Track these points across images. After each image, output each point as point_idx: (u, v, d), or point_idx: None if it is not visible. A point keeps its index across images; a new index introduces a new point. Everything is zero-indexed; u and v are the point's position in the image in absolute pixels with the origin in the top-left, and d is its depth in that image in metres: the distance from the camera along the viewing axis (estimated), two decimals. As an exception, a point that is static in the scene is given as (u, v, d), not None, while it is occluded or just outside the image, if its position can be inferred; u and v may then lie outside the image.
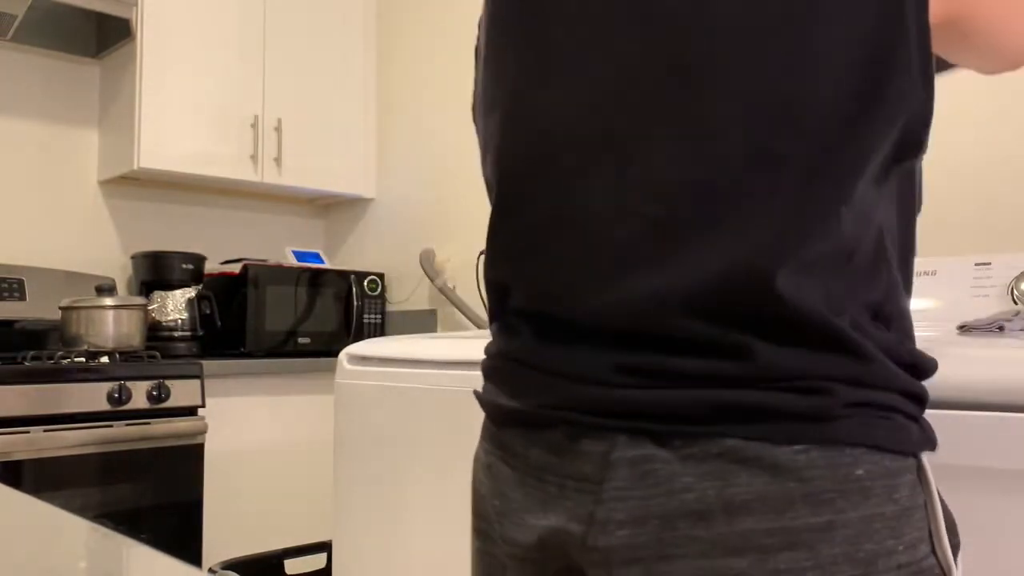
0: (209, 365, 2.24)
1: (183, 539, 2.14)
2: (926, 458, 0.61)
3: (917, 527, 0.58)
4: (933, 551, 0.59)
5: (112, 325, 2.25)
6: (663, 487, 0.58)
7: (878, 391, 0.59)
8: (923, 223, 0.68)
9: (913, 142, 0.61)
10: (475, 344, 1.48)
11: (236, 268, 2.59)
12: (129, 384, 2.07)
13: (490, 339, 0.74)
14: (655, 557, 0.58)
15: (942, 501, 0.62)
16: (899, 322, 0.63)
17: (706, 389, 0.58)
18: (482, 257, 2.84)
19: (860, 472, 0.57)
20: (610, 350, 0.61)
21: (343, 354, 1.73)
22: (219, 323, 2.56)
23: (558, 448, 0.64)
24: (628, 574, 0.59)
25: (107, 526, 0.56)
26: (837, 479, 0.56)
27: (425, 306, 2.90)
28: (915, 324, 0.68)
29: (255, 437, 2.36)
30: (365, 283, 2.81)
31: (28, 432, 1.91)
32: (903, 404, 0.60)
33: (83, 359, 2.16)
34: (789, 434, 0.56)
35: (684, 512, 0.57)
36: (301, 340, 2.66)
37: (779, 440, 0.56)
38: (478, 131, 0.77)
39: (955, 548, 0.61)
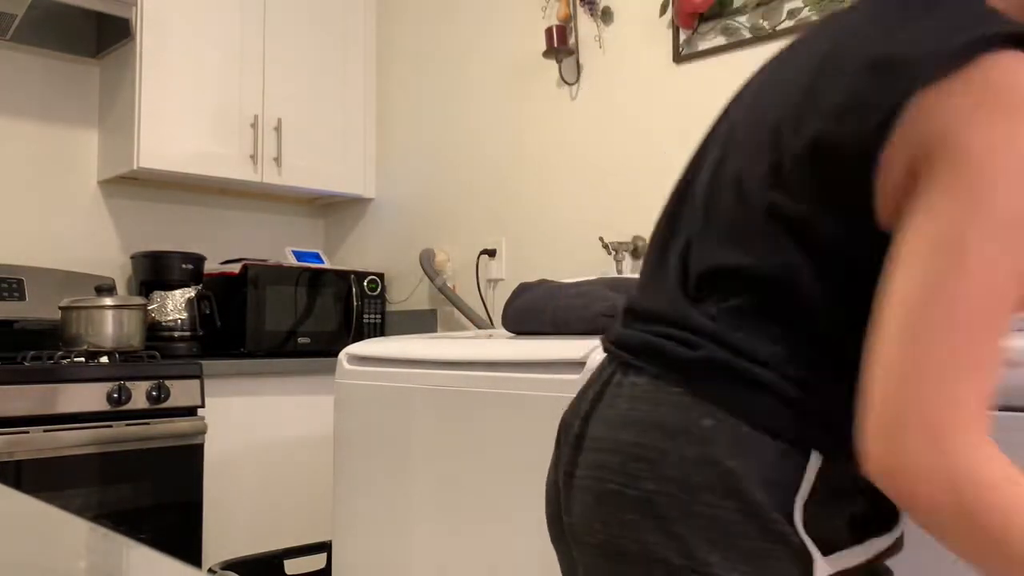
0: (209, 365, 2.24)
1: (183, 539, 2.14)
2: (817, 458, 0.72)
3: (769, 493, 0.70)
4: (789, 523, 0.70)
5: (112, 325, 2.25)
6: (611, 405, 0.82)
7: (749, 362, 0.72)
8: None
9: None
10: (475, 344, 1.48)
11: (236, 268, 2.59)
12: (129, 384, 2.06)
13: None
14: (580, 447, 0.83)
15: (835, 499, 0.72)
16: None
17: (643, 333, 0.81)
18: (482, 257, 2.85)
19: (707, 423, 0.72)
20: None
21: (343, 354, 1.73)
22: (219, 323, 2.56)
23: None
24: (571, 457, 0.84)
25: (107, 526, 0.56)
26: (689, 419, 0.73)
27: (425, 306, 2.90)
28: None
29: (255, 437, 2.36)
30: (365, 283, 2.81)
31: (28, 432, 1.91)
32: (784, 388, 0.72)
33: (83, 359, 2.16)
34: (672, 378, 0.76)
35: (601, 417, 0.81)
36: (301, 340, 2.66)
37: (667, 380, 0.76)
38: None
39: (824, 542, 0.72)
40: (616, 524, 0.75)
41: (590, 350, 1.28)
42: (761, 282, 0.73)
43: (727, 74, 2.12)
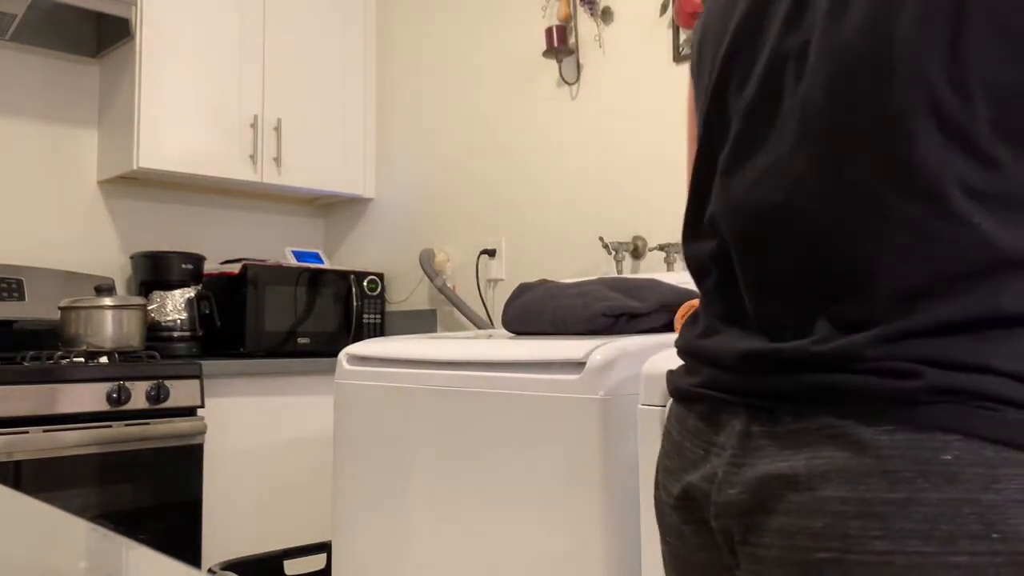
0: (208, 365, 2.24)
1: (183, 539, 2.14)
2: None
3: None
4: None
5: (111, 325, 2.25)
6: (768, 456, 0.67)
7: (978, 375, 0.60)
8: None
9: None
10: (475, 344, 1.48)
11: (235, 268, 2.59)
12: (128, 384, 2.06)
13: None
14: (756, 512, 0.67)
15: None
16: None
17: (808, 374, 0.65)
18: (482, 257, 2.84)
19: (947, 457, 0.59)
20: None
21: (343, 354, 1.73)
22: (218, 323, 2.56)
23: (706, 417, 0.76)
24: (736, 524, 0.69)
25: (107, 526, 0.56)
26: (919, 460, 0.60)
27: (425, 306, 2.90)
28: None
29: (255, 437, 2.36)
30: (365, 283, 2.81)
31: (28, 432, 1.91)
32: (1011, 391, 0.60)
33: (82, 359, 2.16)
34: (876, 415, 0.62)
35: (779, 477, 0.65)
36: (301, 340, 2.66)
37: (866, 420, 0.62)
38: None
39: None
40: None
41: (590, 350, 1.28)
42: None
43: (727, 74, 2.11)
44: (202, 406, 2.19)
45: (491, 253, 2.65)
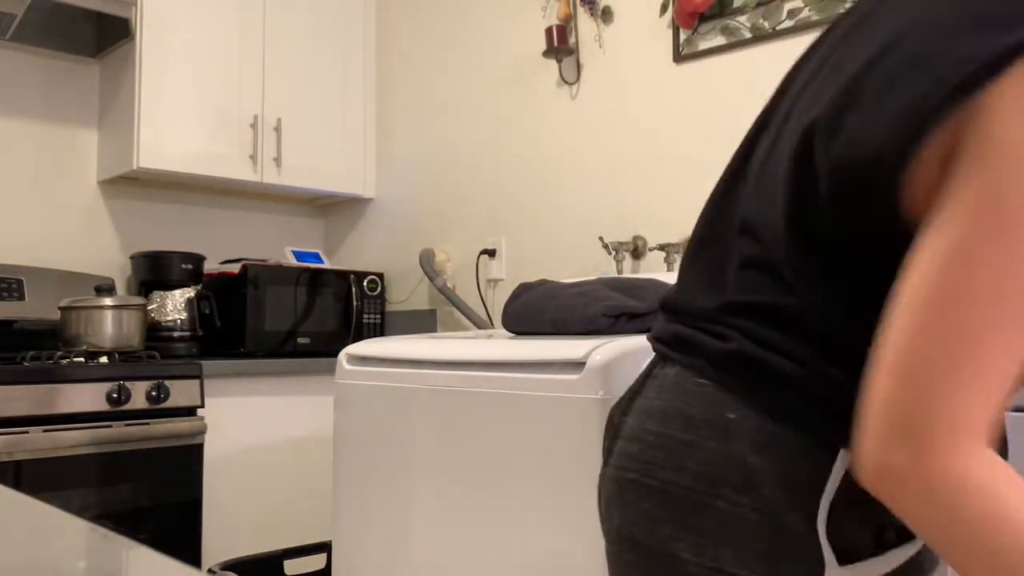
0: (208, 365, 2.24)
1: (183, 539, 2.14)
2: (845, 458, 0.69)
3: (787, 489, 0.68)
4: (810, 525, 0.68)
5: (111, 325, 2.25)
6: (644, 393, 0.81)
7: (775, 353, 0.71)
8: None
9: None
10: (475, 344, 1.48)
11: (235, 268, 2.59)
12: (128, 384, 2.06)
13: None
14: (615, 437, 0.83)
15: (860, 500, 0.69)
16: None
17: (679, 326, 0.80)
18: (482, 257, 2.85)
19: (731, 416, 0.71)
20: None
21: (343, 354, 1.73)
22: (218, 323, 2.56)
23: None
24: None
25: (107, 526, 0.56)
26: (710, 412, 0.72)
27: (425, 306, 2.90)
28: None
29: (255, 437, 2.36)
30: (365, 283, 2.81)
31: (27, 432, 1.91)
32: (814, 386, 0.70)
33: (82, 359, 2.16)
34: (699, 368, 0.75)
35: (636, 409, 0.80)
36: (301, 340, 2.66)
37: (695, 371, 0.75)
38: None
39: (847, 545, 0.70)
40: (632, 513, 0.75)
41: (590, 350, 1.28)
42: (799, 283, 0.71)
43: (727, 74, 2.12)
44: (202, 406, 2.19)
45: (491, 253, 2.65)
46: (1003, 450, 0.77)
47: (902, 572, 0.76)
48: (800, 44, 1.97)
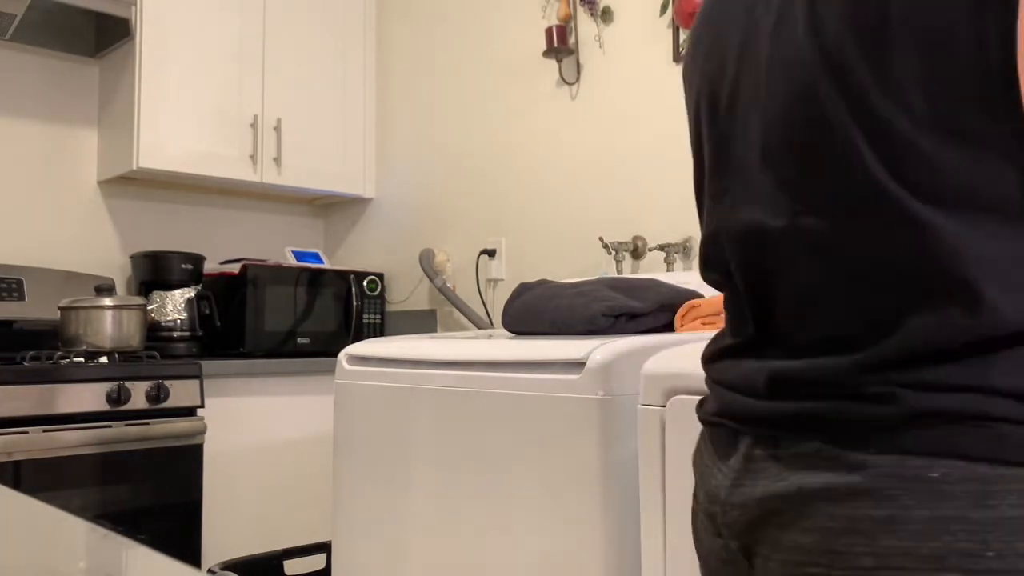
0: (208, 365, 2.24)
1: (183, 539, 2.14)
2: None
3: None
4: None
5: (111, 325, 2.25)
6: (768, 477, 0.69)
7: (961, 394, 0.59)
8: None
9: None
10: (474, 344, 1.48)
11: (235, 268, 2.59)
12: (128, 384, 2.06)
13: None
14: (755, 530, 0.70)
15: None
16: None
17: (800, 402, 0.67)
18: (482, 257, 2.84)
19: (935, 475, 0.59)
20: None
21: (342, 354, 1.73)
22: (218, 323, 2.56)
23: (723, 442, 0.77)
24: (742, 541, 0.72)
25: (107, 526, 0.56)
26: (904, 478, 0.59)
27: (424, 306, 2.90)
28: None
29: (255, 437, 2.36)
30: (364, 283, 2.81)
31: (27, 432, 1.91)
32: (1007, 408, 0.58)
33: (82, 359, 2.16)
34: (862, 439, 0.62)
35: (776, 496, 0.67)
36: (300, 340, 2.66)
37: (853, 444, 0.62)
38: None
39: None
40: None
41: (590, 350, 1.28)
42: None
43: (727, 74, 2.11)
44: (202, 406, 2.19)
45: (491, 253, 2.65)
46: None
47: None
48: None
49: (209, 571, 2.11)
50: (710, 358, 0.80)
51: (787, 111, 0.66)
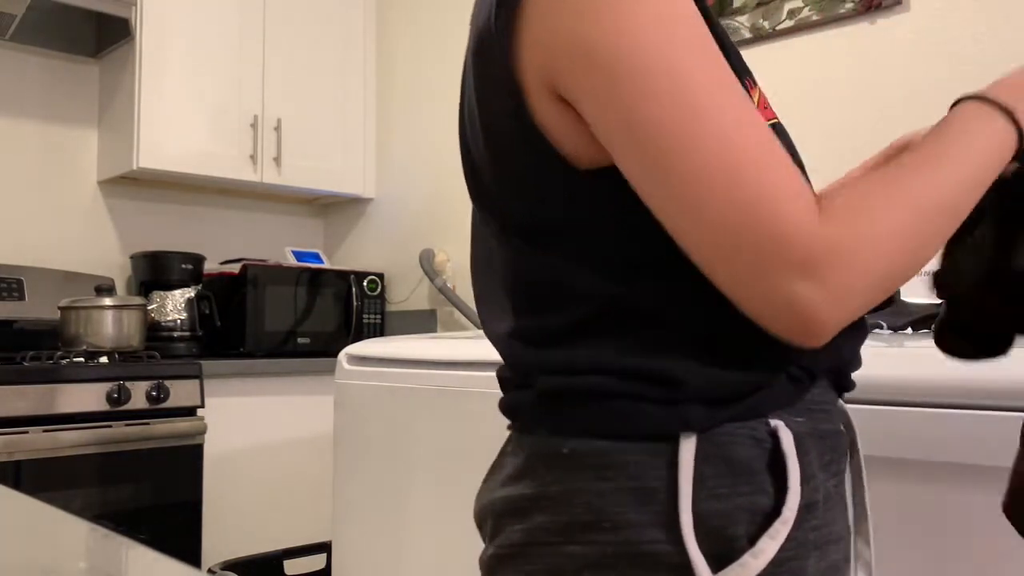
0: (208, 365, 2.24)
1: (183, 539, 2.14)
2: (689, 443, 0.60)
3: (642, 509, 0.60)
4: (669, 538, 0.59)
5: (111, 325, 2.25)
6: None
7: (584, 376, 0.63)
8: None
9: None
10: (475, 344, 1.48)
11: (235, 268, 2.59)
12: (128, 384, 2.06)
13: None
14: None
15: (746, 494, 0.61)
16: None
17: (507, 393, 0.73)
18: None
19: (565, 450, 0.63)
20: None
21: (342, 354, 1.73)
22: (218, 323, 2.56)
23: None
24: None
25: (107, 526, 0.56)
26: (545, 456, 0.65)
27: (425, 306, 2.90)
28: None
29: (255, 437, 2.36)
30: (365, 283, 2.81)
31: (27, 432, 1.91)
32: (632, 387, 0.62)
33: (82, 359, 2.16)
34: (526, 424, 0.69)
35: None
36: (301, 340, 2.66)
37: (517, 427, 0.70)
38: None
39: (730, 546, 0.60)
40: None
41: (590, 350, 1.28)
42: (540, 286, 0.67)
43: (727, 74, 2.11)
44: (202, 406, 2.19)
45: (491, 253, 2.65)
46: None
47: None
48: (800, 44, 1.97)
49: (209, 571, 2.11)
50: None
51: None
